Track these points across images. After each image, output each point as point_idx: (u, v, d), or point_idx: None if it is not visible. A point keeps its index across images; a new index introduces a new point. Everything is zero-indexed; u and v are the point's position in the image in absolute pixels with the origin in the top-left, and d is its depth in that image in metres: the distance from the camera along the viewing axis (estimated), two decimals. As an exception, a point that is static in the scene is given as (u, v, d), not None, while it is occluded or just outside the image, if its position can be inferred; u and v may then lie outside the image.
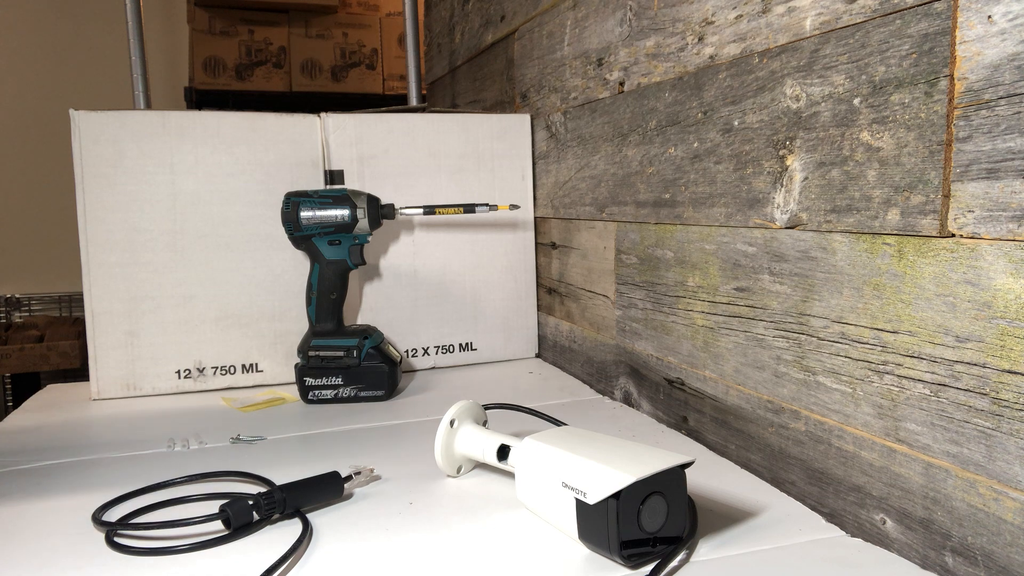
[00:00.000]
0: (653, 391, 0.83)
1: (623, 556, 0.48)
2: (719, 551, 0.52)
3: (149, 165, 0.94)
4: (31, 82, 3.11)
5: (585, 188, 0.96)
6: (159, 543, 0.54)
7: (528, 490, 0.56)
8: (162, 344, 0.96)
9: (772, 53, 0.62)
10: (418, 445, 0.75)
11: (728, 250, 0.69)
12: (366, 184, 1.02)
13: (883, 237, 0.52)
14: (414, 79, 1.41)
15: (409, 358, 1.08)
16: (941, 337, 0.48)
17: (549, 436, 0.57)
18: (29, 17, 3.10)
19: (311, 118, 1.01)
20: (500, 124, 1.09)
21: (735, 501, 0.60)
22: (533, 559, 0.51)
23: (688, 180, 0.74)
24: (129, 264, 0.94)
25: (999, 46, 0.43)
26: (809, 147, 0.58)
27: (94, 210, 0.93)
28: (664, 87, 0.77)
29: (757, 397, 0.66)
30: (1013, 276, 0.43)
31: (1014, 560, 0.44)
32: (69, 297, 3.09)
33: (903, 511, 0.52)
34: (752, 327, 0.66)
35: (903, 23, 0.49)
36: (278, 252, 0.99)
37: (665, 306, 0.80)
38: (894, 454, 0.52)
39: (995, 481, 0.45)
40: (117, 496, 0.61)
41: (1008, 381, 0.44)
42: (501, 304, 1.12)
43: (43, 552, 0.53)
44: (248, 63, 2.63)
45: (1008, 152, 0.43)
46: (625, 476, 0.47)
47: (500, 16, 1.23)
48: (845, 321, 0.56)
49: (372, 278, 1.05)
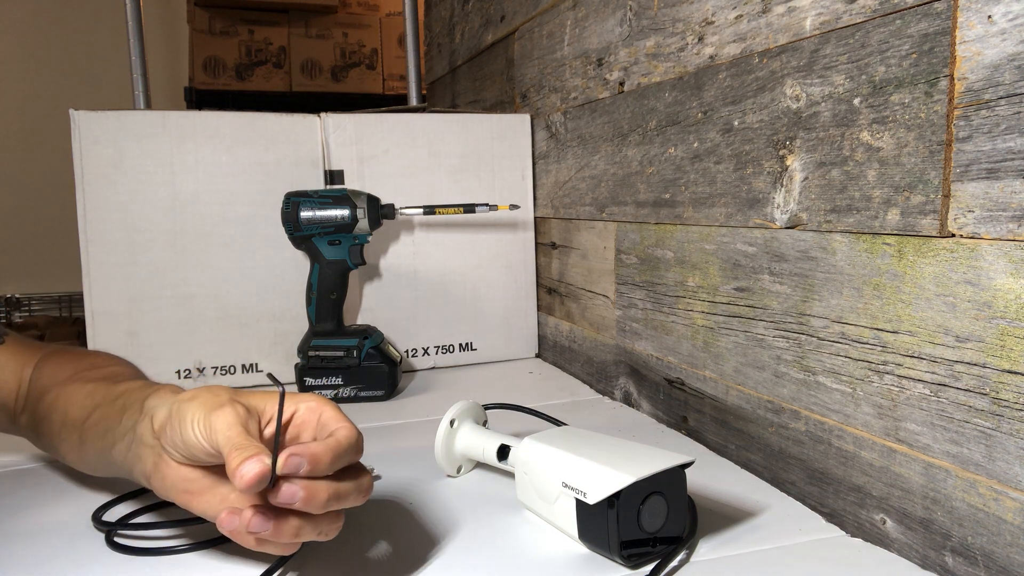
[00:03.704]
0: (653, 391, 0.83)
1: (623, 556, 0.48)
2: (719, 551, 0.52)
3: (149, 165, 0.94)
4: (31, 82, 3.11)
5: (585, 188, 0.96)
6: (159, 543, 0.54)
7: (528, 490, 0.56)
8: (162, 344, 0.96)
9: (772, 53, 0.62)
10: (418, 445, 0.75)
11: (728, 250, 0.69)
12: (366, 184, 1.02)
13: (883, 237, 0.52)
14: (414, 79, 1.41)
15: (409, 358, 1.08)
16: (941, 337, 0.48)
17: (549, 436, 0.57)
18: (29, 17, 3.10)
19: (311, 118, 1.01)
20: (500, 124, 1.09)
21: (735, 501, 0.60)
22: (533, 559, 0.51)
23: (688, 180, 0.74)
24: (129, 264, 0.94)
25: (999, 46, 0.43)
26: (809, 147, 0.58)
27: (94, 210, 0.93)
28: (664, 87, 0.77)
29: (757, 397, 0.66)
30: (1013, 276, 0.43)
31: (1014, 560, 0.44)
32: (69, 297, 3.09)
33: (903, 511, 0.52)
34: (752, 327, 0.66)
35: (903, 23, 0.49)
36: (278, 252, 0.99)
37: (665, 306, 0.80)
38: (894, 454, 0.52)
39: (995, 481, 0.45)
40: (117, 496, 0.61)
41: (1008, 381, 0.44)
42: (501, 304, 1.12)
43: (43, 552, 0.53)
44: (248, 63, 2.63)
45: (1008, 152, 0.43)
46: (625, 476, 0.47)
47: (500, 16, 1.23)
48: (845, 321, 0.56)
49: (372, 278, 1.05)
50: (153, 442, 0.47)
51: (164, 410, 0.46)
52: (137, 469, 0.49)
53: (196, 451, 0.44)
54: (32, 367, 0.64)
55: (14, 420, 0.64)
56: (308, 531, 0.44)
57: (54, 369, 0.62)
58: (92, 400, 0.55)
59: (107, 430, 0.51)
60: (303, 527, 0.43)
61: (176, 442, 0.45)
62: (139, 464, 0.48)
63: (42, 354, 0.65)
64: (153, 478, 0.47)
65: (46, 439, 0.60)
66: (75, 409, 0.55)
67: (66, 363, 0.62)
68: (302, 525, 0.43)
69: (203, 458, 0.45)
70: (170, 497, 0.47)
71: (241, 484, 0.40)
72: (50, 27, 3.13)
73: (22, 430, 0.64)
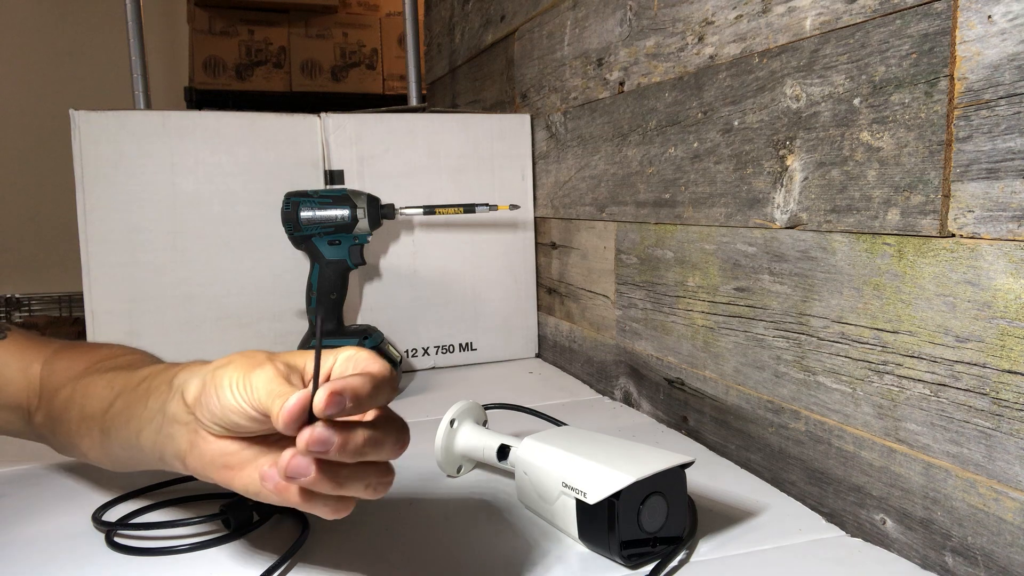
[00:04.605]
0: (653, 391, 0.83)
1: (623, 556, 0.48)
2: (719, 551, 0.52)
3: (149, 165, 0.94)
4: (31, 82, 3.11)
5: (585, 188, 0.96)
6: (159, 543, 0.54)
7: (528, 490, 0.56)
8: (162, 344, 0.96)
9: (772, 53, 0.62)
10: (418, 445, 0.74)
11: (728, 250, 0.69)
12: (366, 184, 1.02)
13: (883, 237, 0.52)
14: (414, 79, 1.41)
15: (409, 358, 1.08)
16: (941, 337, 0.48)
17: (549, 436, 0.57)
18: (29, 17, 3.10)
19: (311, 118, 1.01)
20: (500, 124, 1.09)
21: (735, 501, 0.60)
22: (533, 559, 0.51)
23: (688, 180, 0.74)
24: (129, 264, 0.94)
25: (999, 46, 0.43)
26: (809, 147, 0.58)
27: (94, 210, 0.93)
28: (664, 87, 0.77)
29: (757, 397, 0.66)
30: (1013, 276, 0.43)
31: (1014, 560, 0.44)
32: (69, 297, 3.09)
33: (903, 511, 0.52)
34: (752, 327, 0.66)
35: (903, 23, 0.49)
36: (278, 252, 0.99)
37: (665, 306, 0.80)
38: (894, 454, 0.52)
39: (995, 481, 0.45)
40: (117, 496, 0.61)
41: (1008, 381, 0.44)
42: (501, 304, 1.12)
43: (43, 552, 0.53)
44: (248, 63, 2.63)
45: (1008, 152, 0.43)
46: (625, 476, 0.47)
47: (500, 16, 1.23)
48: (845, 321, 0.56)
49: (372, 278, 1.05)
50: (188, 418, 0.44)
51: (197, 381, 0.44)
52: (170, 451, 0.46)
53: (237, 416, 0.42)
54: (41, 364, 0.61)
55: (29, 421, 0.60)
56: (355, 483, 0.41)
57: (67, 364, 0.59)
58: (112, 390, 0.52)
59: (131, 417, 0.49)
60: (347, 476, 0.40)
61: (214, 410, 0.42)
62: (171, 444, 0.45)
63: (51, 350, 0.62)
64: (189, 457, 0.45)
65: (63, 437, 0.56)
66: (94, 401, 0.53)
67: (79, 356, 0.60)
68: (346, 474, 0.40)
69: (244, 424, 0.42)
70: (209, 476, 0.45)
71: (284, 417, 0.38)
72: (50, 27, 3.13)
73: (38, 430, 0.60)
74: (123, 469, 0.54)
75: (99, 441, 0.52)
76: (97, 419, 0.52)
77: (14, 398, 0.60)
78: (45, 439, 0.60)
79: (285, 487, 0.40)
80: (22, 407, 0.60)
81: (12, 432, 0.62)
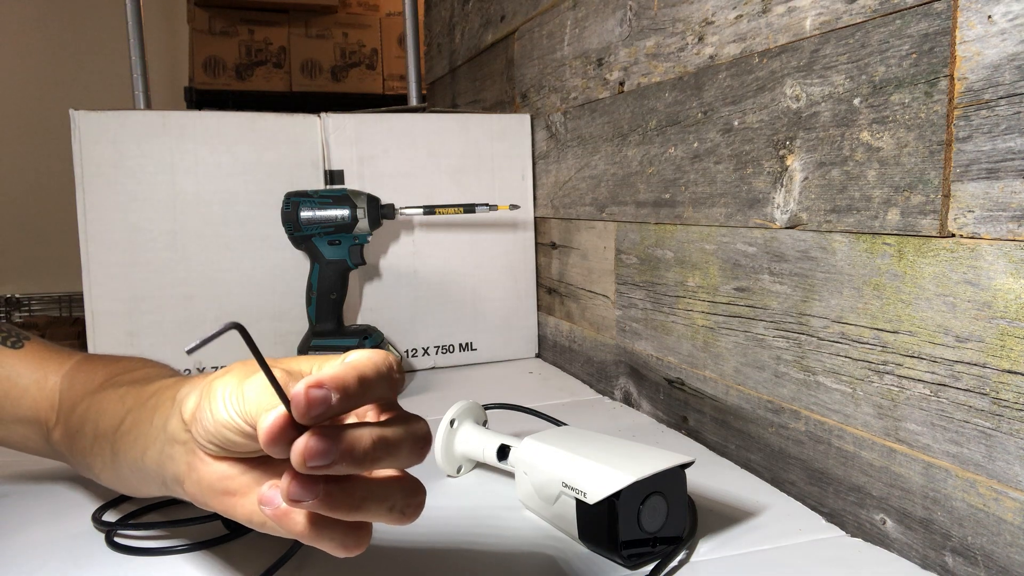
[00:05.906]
0: (653, 391, 0.83)
1: (623, 556, 0.48)
2: (719, 551, 0.52)
3: (149, 165, 0.94)
4: (31, 82, 3.11)
5: (585, 188, 0.96)
6: (159, 543, 0.54)
7: (528, 490, 0.56)
8: (162, 344, 0.96)
9: (772, 53, 0.62)
10: (418, 445, 0.74)
11: (728, 250, 0.69)
12: (366, 184, 1.02)
13: (883, 237, 0.52)
14: (414, 79, 1.41)
15: (409, 358, 1.08)
16: (941, 337, 0.48)
17: (549, 436, 0.57)
18: (29, 17, 3.10)
19: (311, 118, 1.01)
20: (500, 124, 1.09)
21: (735, 501, 0.60)
22: (533, 559, 0.51)
23: (688, 180, 0.74)
24: (129, 264, 0.94)
25: (999, 46, 0.43)
26: (809, 147, 0.58)
27: (94, 210, 0.93)
28: (664, 87, 0.77)
29: (757, 397, 0.66)
30: (1013, 276, 0.43)
31: (1014, 560, 0.44)
32: (69, 297, 3.09)
33: (903, 511, 0.52)
34: (752, 327, 0.66)
35: (903, 23, 0.49)
36: (278, 252, 0.99)
37: (665, 306, 0.80)
38: (894, 454, 0.52)
39: (995, 481, 0.45)
40: (117, 496, 0.61)
41: (1008, 381, 0.44)
42: (501, 304, 1.12)
43: (43, 552, 0.53)
44: (248, 63, 2.63)
45: (1008, 152, 0.43)
46: (625, 476, 0.47)
47: (500, 16, 1.23)
48: (845, 321, 0.56)
49: (372, 278, 1.05)
50: (185, 436, 0.39)
51: (195, 395, 0.39)
52: (170, 473, 0.41)
53: (230, 431, 0.36)
54: (60, 376, 0.56)
55: (47, 438, 0.55)
56: (375, 505, 0.34)
57: (86, 376, 0.54)
58: (124, 405, 0.47)
59: (139, 436, 0.44)
60: (365, 497, 0.34)
61: (208, 426, 0.37)
62: (171, 466, 0.40)
63: (72, 362, 0.57)
64: (187, 482, 0.39)
65: (79, 456, 0.51)
66: (107, 418, 0.48)
67: (98, 369, 0.55)
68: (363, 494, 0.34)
69: (239, 441, 0.37)
70: (209, 504, 0.39)
71: (265, 433, 0.32)
72: (50, 27, 3.13)
73: (56, 447, 0.55)
74: (134, 493, 0.50)
75: (110, 462, 0.47)
76: (109, 438, 0.47)
77: (31, 411, 0.56)
78: (64, 458, 0.55)
79: (286, 513, 0.35)
80: (40, 421, 0.56)
81: (32, 449, 0.58)
